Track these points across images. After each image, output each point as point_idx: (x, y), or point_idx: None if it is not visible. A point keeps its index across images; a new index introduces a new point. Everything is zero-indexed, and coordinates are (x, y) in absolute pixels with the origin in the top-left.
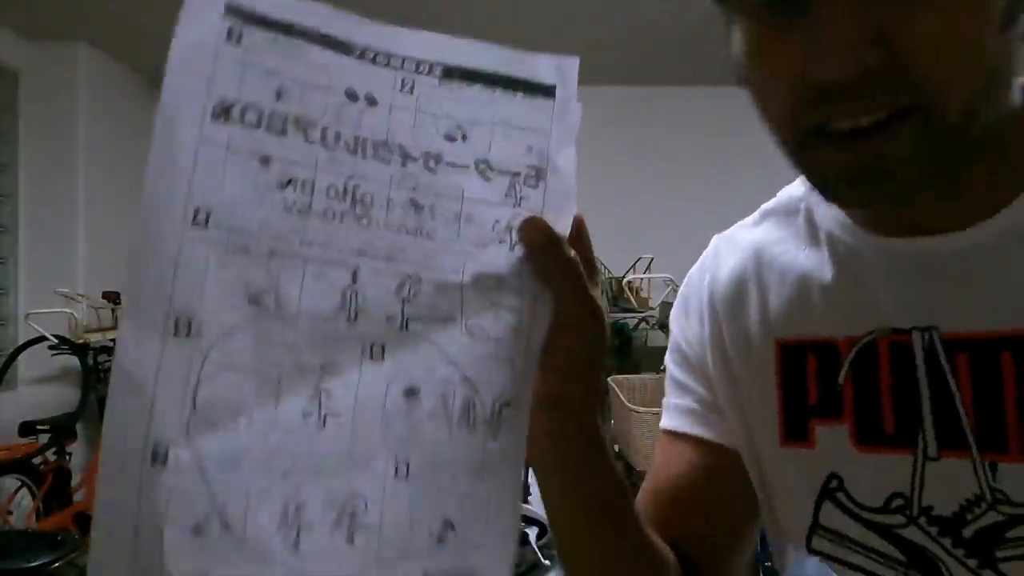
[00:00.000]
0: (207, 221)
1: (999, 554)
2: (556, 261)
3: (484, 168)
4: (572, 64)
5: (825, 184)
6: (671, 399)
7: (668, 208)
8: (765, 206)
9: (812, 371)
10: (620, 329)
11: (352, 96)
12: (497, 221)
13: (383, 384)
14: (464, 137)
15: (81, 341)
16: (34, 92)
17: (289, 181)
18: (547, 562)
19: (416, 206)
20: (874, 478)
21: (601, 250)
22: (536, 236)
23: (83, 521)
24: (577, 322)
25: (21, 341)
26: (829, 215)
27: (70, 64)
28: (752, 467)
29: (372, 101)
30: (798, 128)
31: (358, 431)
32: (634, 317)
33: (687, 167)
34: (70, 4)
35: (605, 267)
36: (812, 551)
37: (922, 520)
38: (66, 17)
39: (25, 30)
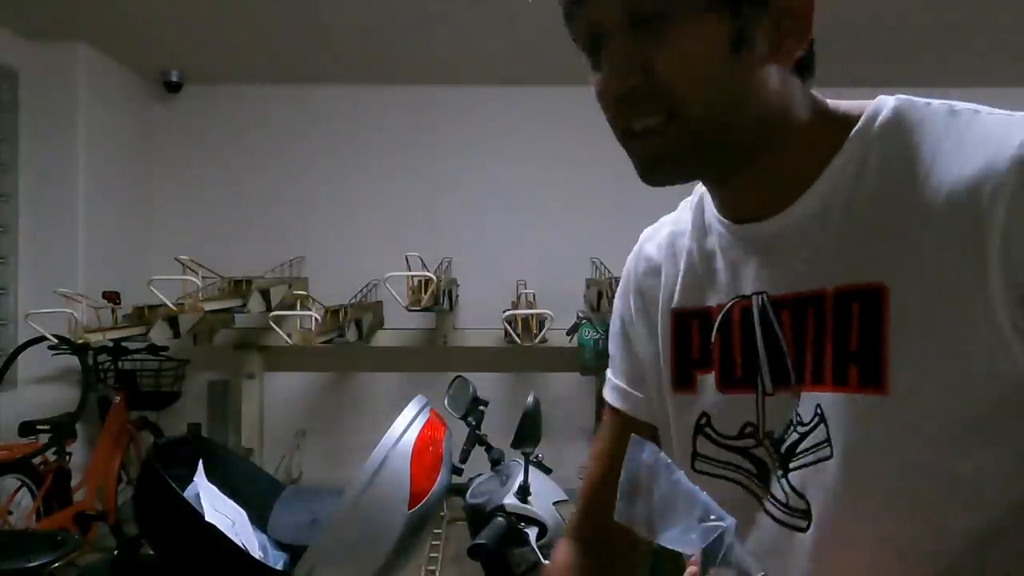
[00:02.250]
0: None
1: (791, 465)
2: None
3: None
4: None
5: (638, 169)
6: (608, 373)
7: (668, 208)
8: (685, 200)
9: (695, 333)
10: None
11: None
12: None
13: None
14: None
15: (81, 341)
16: (34, 92)
17: None
18: (547, 562)
19: None
20: (731, 413)
21: (601, 250)
22: None
23: (83, 521)
24: None
25: (21, 341)
26: (709, 207)
27: (70, 64)
28: (658, 410)
29: None
30: (617, 130)
31: None
32: None
33: None
34: (70, 4)
35: (605, 267)
36: (696, 471)
37: (766, 442)
38: (66, 17)
39: (25, 30)
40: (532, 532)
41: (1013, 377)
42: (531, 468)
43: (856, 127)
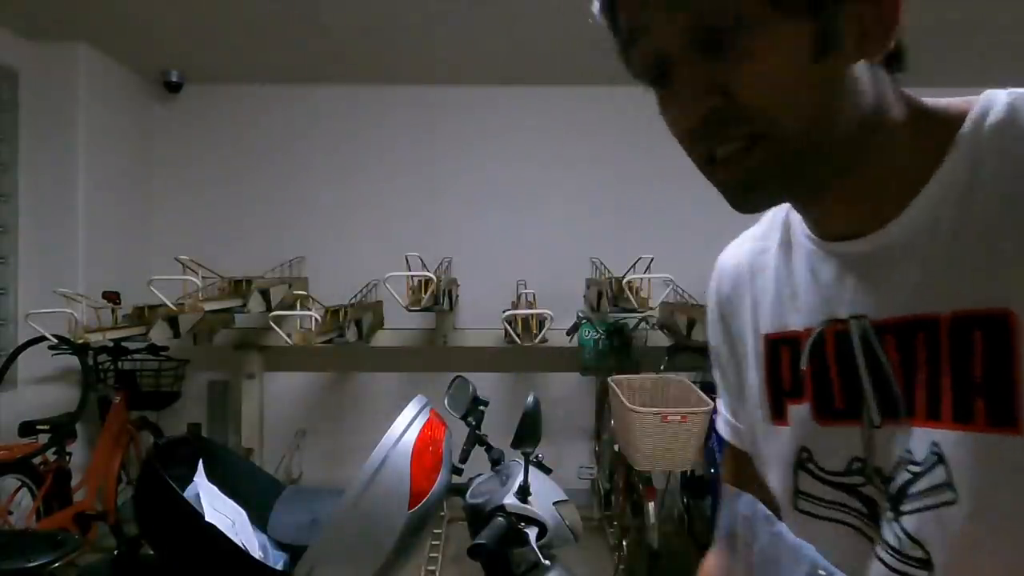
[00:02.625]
0: None
1: (903, 508)
2: None
3: None
4: None
5: (725, 196)
6: (719, 404)
7: (668, 208)
8: (764, 216)
9: (786, 360)
10: (620, 329)
11: None
12: None
13: None
14: None
15: (81, 341)
16: (34, 92)
17: None
18: (547, 562)
19: None
20: (834, 447)
21: (601, 250)
22: None
23: (83, 521)
24: None
25: (21, 341)
26: (797, 224)
27: (70, 64)
28: (751, 443)
29: None
30: (696, 159)
31: None
32: (634, 317)
33: (688, 167)
34: (70, 4)
35: (605, 267)
36: (798, 510)
37: (876, 480)
38: (66, 17)
39: (25, 30)
40: (532, 532)
41: None
42: (531, 468)
43: (963, 127)
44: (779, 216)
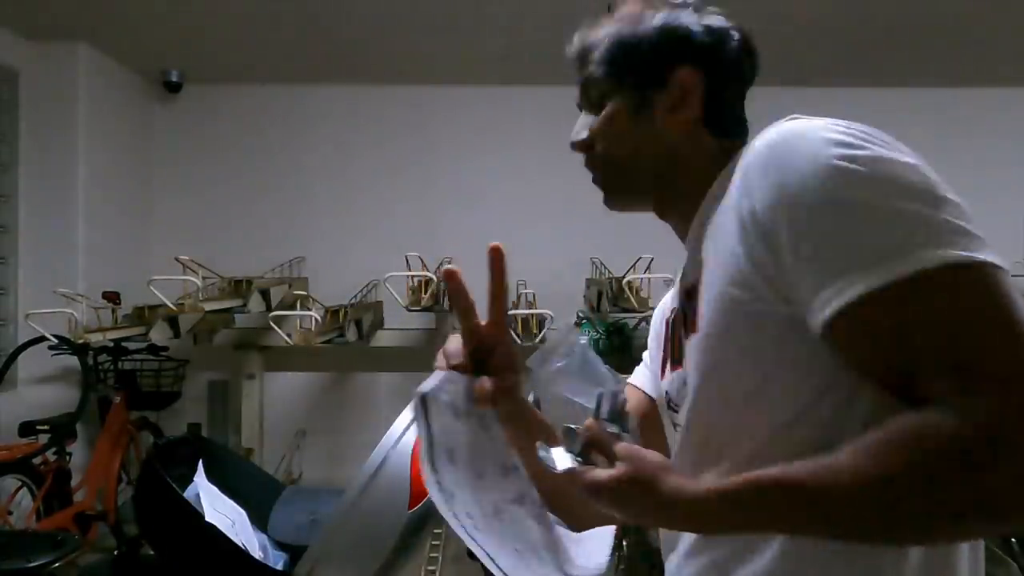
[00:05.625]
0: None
1: (673, 404)
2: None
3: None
4: None
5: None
6: (641, 368)
7: None
8: None
9: (678, 333)
10: (620, 329)
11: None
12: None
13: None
14: None
15: (81, 341)
16: (34, 92)
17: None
18: None
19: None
20: (668, 387)
21: (601, 250)
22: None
23: (83, 521)
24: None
25: (21, 341)
26: None
27: (70, 64)
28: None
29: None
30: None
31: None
32: (634, 317)
33: None
34: (70, 4)
35: (605, 267)
36: (675, 442)
37: (672, 405)
38: (66, 17)
39: (25, 30)
40: None
41: (754, 313)
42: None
43: (732, 162)
44: None
